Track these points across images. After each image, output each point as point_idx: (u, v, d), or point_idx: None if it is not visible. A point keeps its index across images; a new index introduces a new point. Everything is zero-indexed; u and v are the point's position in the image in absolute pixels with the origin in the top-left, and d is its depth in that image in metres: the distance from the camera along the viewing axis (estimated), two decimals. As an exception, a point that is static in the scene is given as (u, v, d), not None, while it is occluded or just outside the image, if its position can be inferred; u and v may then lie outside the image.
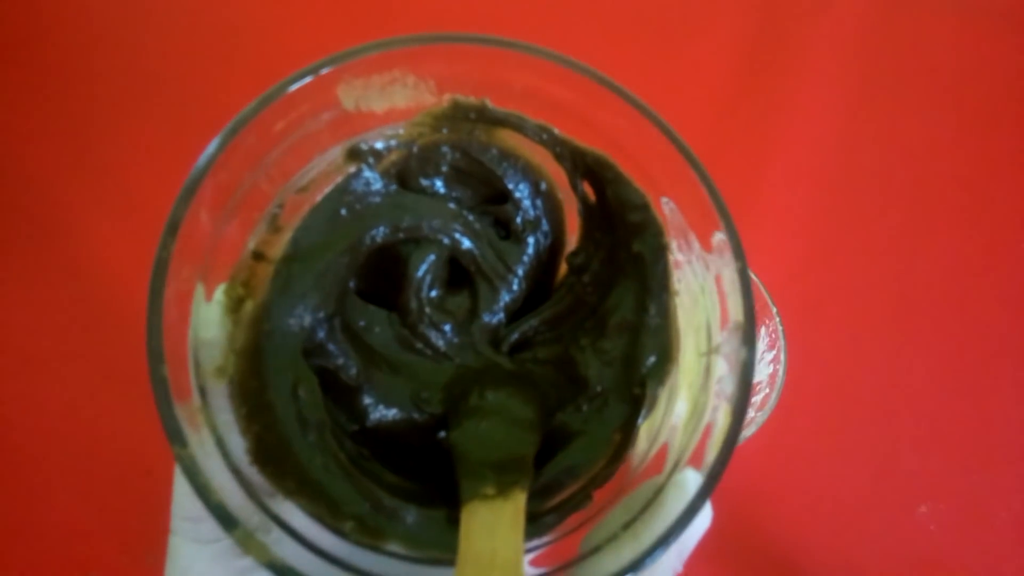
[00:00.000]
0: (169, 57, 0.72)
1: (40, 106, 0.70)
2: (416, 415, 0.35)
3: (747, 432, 0.55)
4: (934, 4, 0.77)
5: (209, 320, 0.29)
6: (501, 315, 0.37)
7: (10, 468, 0.60)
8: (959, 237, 0.70)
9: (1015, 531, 0.62)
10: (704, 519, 0.29)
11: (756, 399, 0.58)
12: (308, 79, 0.28)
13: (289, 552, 0.26)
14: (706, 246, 0.31)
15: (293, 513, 0.29)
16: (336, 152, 0.33)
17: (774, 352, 0.58)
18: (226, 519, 0.25)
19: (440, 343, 0.36)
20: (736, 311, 0.29)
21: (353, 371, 0.34)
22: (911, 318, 0.67)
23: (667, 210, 0.32)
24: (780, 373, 0.56)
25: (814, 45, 0.75)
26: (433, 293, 0.36)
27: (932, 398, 0.65)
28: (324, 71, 0.28)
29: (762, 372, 0.58)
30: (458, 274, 0.37)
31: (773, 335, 0.58)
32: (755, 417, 0.56)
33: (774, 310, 0.57)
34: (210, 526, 0.31)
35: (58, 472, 0.60)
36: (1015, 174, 0.72)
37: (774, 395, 0.56)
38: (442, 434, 0.35)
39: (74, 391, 0.62)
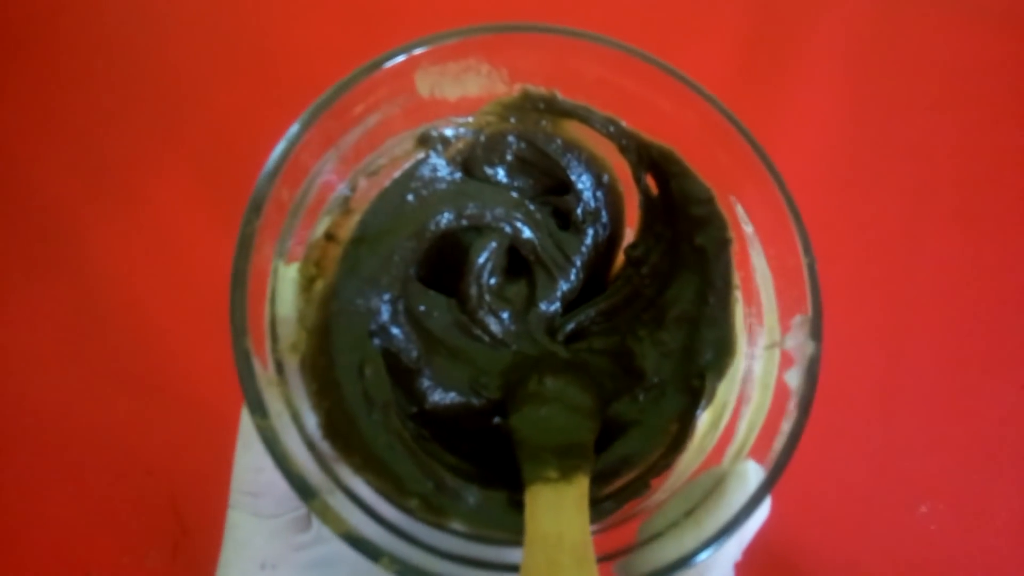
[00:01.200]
0: (172, 60, 0.72)
1: (44, 108, 0.70)
2: (474, 400, 0.35)
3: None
4: (934, 3, 0.76)
5: (284, 298, 0.30)
6: (558, 304, 0.37)
7: (10, 468, 0.60)
8: (959, 237, 0.69)
9: (1015, 531, 0.61)
10: (764, 510, 0.29)
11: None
12: (398, 59, 0.28)
13: (358, 524, 0.27)
14: (771, 242, 0.32)
15: (361, 487, 0.29)
16: (406, 137, 0.33)
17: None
18: (304, 489, 0.25)
19: (498, 330, 0.36)
20: (803, 305, 0.29)
21: (414, 354, 0.34)
22: (911, 318, 0.67)
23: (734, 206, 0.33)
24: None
25: (813, 45, 0.75)
26: (492, 280, 0.37)
27: (932, 398, 0.65)
28: (413, 52, 0.29)
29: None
30: (517, 263, 0.38)
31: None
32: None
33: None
34: (270, 501, 0.32)
35: (58, 472, 0.60)
36: (1015, 174, 0.71)
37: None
38: (497, 420, 0.36)
39: (74, 391, 0.62)
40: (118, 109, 0.70)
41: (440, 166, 0.34)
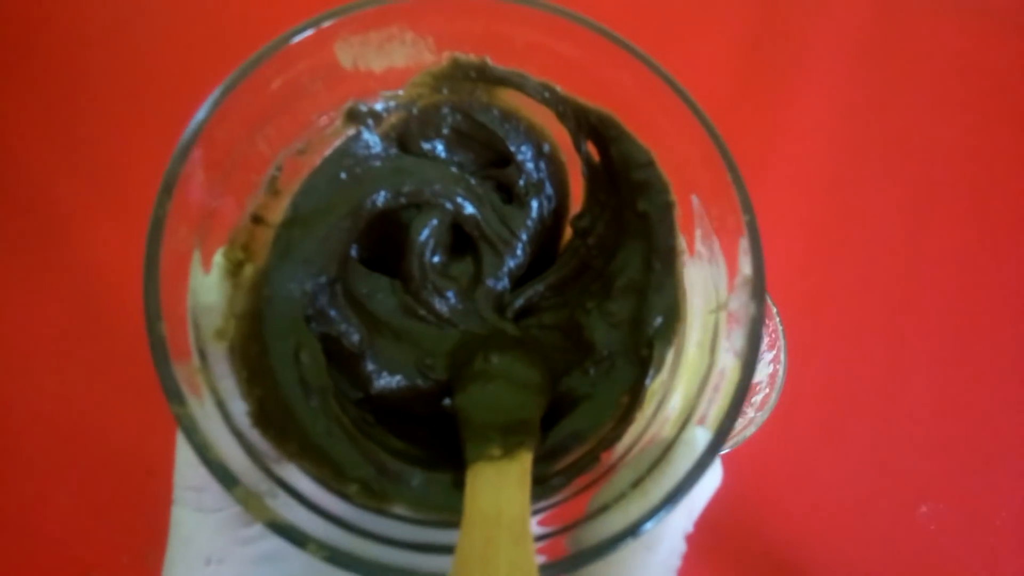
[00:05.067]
0: (167, 56, 0.72)
1: (37, 105, 0.70)
2: (420, 382, 0.34)
3: (747, 432, 0.55)
4: (935, 4, 0.76)
5: (208, 283, 0.29)
6: (505, 281, 0.36)
7: (10, 468, 0.60)
8: (959, 237, 0.69)
9: (1015, 531, 0.62)
10: (713, 478, 0.29)
11: (756, 399, 0.57)
12: (307, 32, 0.27)
13: (295, 516, 0.26)
14: (712, 201, 0.31)
15: (298, 477, 0.28)
16: (335, 114, 0.32)
17: (774, 352, 0.57)
18: (226, 477, 0.24)
19: (444, 309, 0.35)
20: (745, 265, 0.28)
21: (356, 338, 0.33)
22: (911, 318, 0.67)
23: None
24: (780, 373, 0.56)
25: (813, 46, 0.74)
26: (436, 259, 0.36)
27: (932, 398, 0.65)
28: (323, 25, 0.27)
29: (762, 372, 0.58)
30: (461, 240, 0.37)
31: (773, 335, 0.57)
32: (755, 417, 0.56)
33: (774, 310, 0.57)
34: (213, 495, 0.31)
35: (58, 472, 0.60)
36: (1015, 174, 0.71)
37: (774, 395, 0.55)
38: (446, 401, 0.35)
39: (74, 391, 0.62)
40: (116, 108, 0.70)
41: (374, 142, 0.33)
